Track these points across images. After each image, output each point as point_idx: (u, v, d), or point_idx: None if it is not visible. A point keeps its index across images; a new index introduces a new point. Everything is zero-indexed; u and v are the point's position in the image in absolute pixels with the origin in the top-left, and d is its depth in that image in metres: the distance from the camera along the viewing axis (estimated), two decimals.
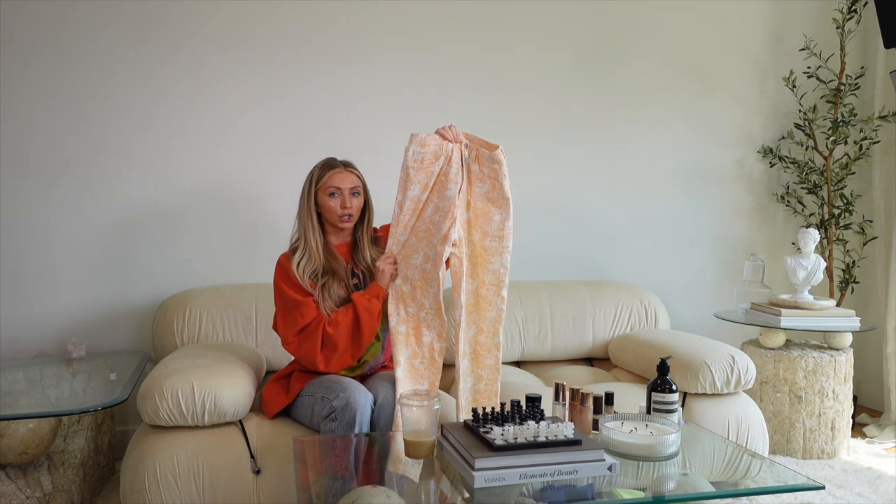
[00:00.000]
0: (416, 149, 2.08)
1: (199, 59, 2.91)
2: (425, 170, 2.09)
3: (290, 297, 2.12)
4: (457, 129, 2.14)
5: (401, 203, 2.11)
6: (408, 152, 2.08)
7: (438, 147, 2.10)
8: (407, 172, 2.09)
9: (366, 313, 2.08)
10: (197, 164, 2.93)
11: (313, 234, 2.18)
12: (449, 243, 2.08)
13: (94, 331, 2.86)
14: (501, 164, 2.11)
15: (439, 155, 2.10)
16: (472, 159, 2.14)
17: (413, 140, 2.08)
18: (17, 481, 2.20)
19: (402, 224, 2.12)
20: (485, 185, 2.14)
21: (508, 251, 2.15)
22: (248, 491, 2.05)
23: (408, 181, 2.09)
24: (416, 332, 2.13)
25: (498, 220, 2.14)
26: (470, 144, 2.14)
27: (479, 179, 2.15)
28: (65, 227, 2.83)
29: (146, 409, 2.03)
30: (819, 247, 3.46)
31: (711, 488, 1.58)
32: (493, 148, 2.12)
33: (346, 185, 2.18)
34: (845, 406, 3.00)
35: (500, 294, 2.14)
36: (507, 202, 2.13)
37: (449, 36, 3.16)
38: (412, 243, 2.13)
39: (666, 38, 3.43)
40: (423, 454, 1.70)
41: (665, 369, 1.92)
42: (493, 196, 2.14)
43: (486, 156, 2.12)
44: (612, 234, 3.44)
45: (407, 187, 2.09)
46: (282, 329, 2.16)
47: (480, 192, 2.15)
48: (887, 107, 3.46)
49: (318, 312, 2.10)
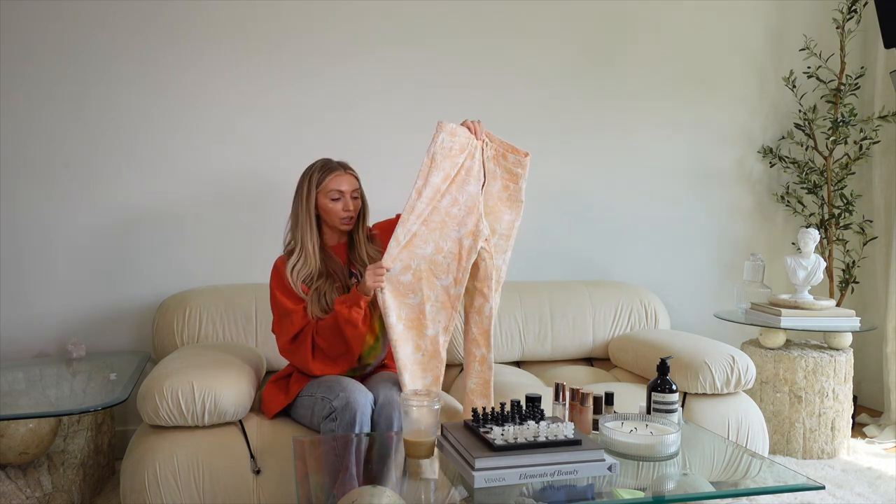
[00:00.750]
0: (447, 137, 2.04)
1: (200, 60, 2.91)
2: (452, 159, 2.06)
3: (282, 306, 2.14)
4: (483, 126, 2.14)
5: (420, 189, 2.03)
6: (436, 139, 2.03)
7: (467, 140, 2.09)
8: (433, 159, 2.02)
9: (348, 326, 2.05)
10: (197, 163, 2.93)
11: (310, 236, 2.18)
12: (481, 238, 2.10)
13: (94, 331, 2.86)
14: (526, 168, 2.17)
15: (465, 148, 2.09)
16: (491, 158, 2.15)
17: (443, 128, 2.03)
18: (17, 481, 2.20)
19: (417, 213, 2.04)
20: (498, 184, 2.17)
21: (510, 249, 2.21)
22: (248, 491, 2.05)
23: (433, 167, 2.02)
24: (418, 325, 2.09)
25: (508, 220, 2.18)
26: (490, 143, 2.15)
27: (492, 179, 2.16)
28: (65, 227, 2.83)
29: (146, 409, 2.03)
30: (819, 247, 3.46)
31: (711, 488, 1.58)
32: (524, 154, 2.17)
33: (348, 188, 2.19)
34: (845, 406, 3.00)
35: (498, 290, 2.18)
36: (521, 204, 2.19)
37: (449, 35, 3.16)
38: (423, 233, 2.07)
39: (666, 38, 3.43)
40: (423, 454, 1.70)
41: (665, 369, 1.92)
42: (508, 196, 2.18)
43: (513, 159, 2.17)
44: (612, 235, 3.44)
45: (431, 173, 2.03)
46: (277, 336, 2.18)
47: (493, 191, 2.17)
48: (887, 107, 3.46)
49: (308, 320, 2.11)
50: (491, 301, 2.14)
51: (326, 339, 2.08)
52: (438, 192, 2.06)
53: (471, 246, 2.09)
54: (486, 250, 2.12)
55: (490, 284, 2.13)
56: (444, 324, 2.11)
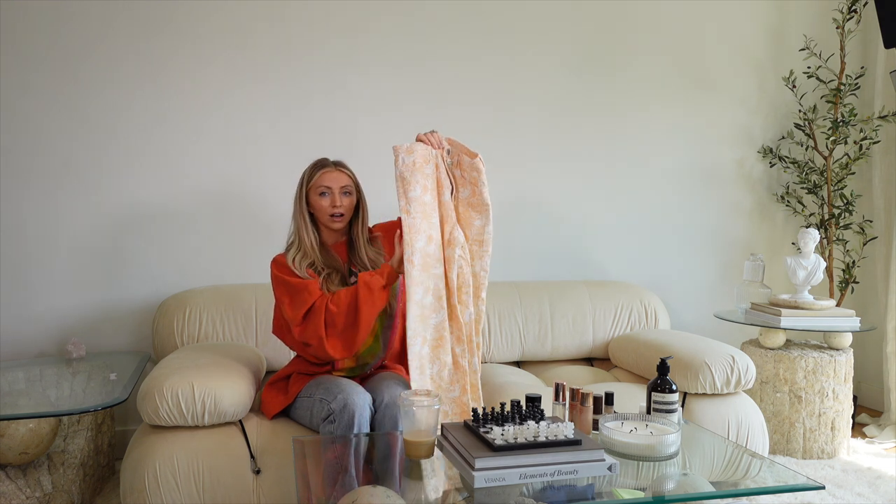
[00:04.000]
0: (405, 156, 2.05)
1: (200, 61, 2.91)
2: (420, 171, 2.07)
3: (293, 283, 2.10)
4: (439, 135, 2.15)
5: (406, 208, 2.04)
6: (397, 163, 2.05)
7: (426, 151, 2.10)
8: (402, 178, 2.04)
9: (365, 288, 2.03)
10: (197, 164, 2.93)
11: (307, 233, 2.19)
12: (457, 246, 2.09)
13: (94, 331, 2.86)
14: (481, 171, 2.14)
15: (428, 159, 2.09)
16: (454, 164, 2.16)
17: (399, 151, 2.05)
18: (17, 481, 2.20)
19: (424, 233, 2.04)
20: (465, 191, 2.17)
21: (488, 255, 2.17)
22: (248, 491, 2.05)
23: (406, 185, 2.04)
24: (441, 343, 2.09)
25: (478, 225, 2.17)
26: (452, 150, 2.16)
27: (461, 185, 2.17)
28: (65, 228, 2.83)
29: (146, 409, 2.03)
30: (819, 247, 3.46)
31: (711, 488, 1.58)
32: (474, 156, 2.14)
33: (336, 184, 2.19)
34: (845, 406, 3.00)
35: (480, 296, 2.16)
36: (487, 207, 2.16)
37: (448, 36, 3.16)
38: (431, 252, 2.07)
39: (666, 38, 3.43)
40: (423, 454, 1.70)
41: (665, 369, 1.92)
42: (474, 201, 2.16)
43: (468, 162, 2.15)
44: (612, 235, 3.44)
45: (407, 190, 2.04)
46: (290, 313, 2.10)
47: (462, 197, 2.17)
48: (887, 107, 3.46)
49: (322, 293, 2.10)
50: (470, 307, 2.13)
51: (340, 307, 2.05)
52: (425, 205, 2.07)
53: (450, 254, 2.09)
54: (462, 258, 2.11)
55: (467, 291, 2.12)
56: (456, 334, 2.11)
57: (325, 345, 2.06)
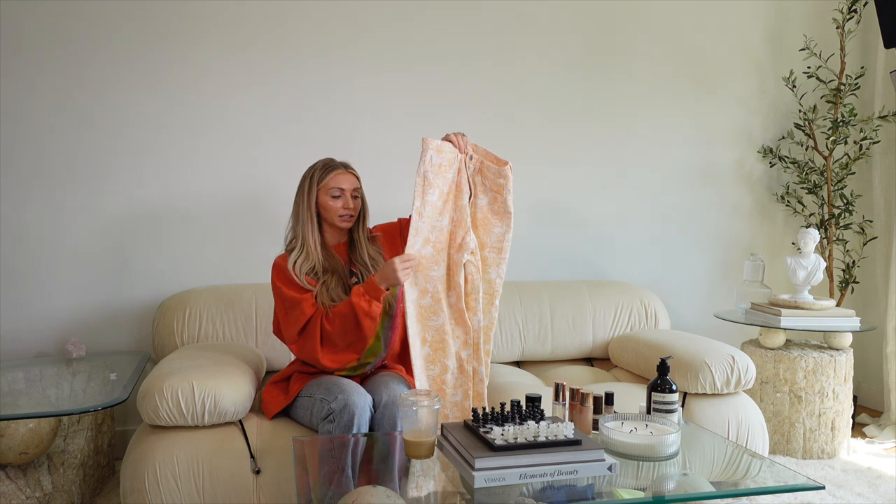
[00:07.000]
0: (434, 154, 2.02)
1: (200, 61, 2.91)
2: (443, 175, 2.05)
3: (289, 297, 2.12)
4: (467, 139, 2.13)
5: (420, 210, 2.01)
6: (424, 158, 2.00)
7: (454, 155, 2.08)
8: (426, 177, 2.01)
9: (366, 318, 2.03)
10: (197, 164, 2.93)
11: (311, 233, 2.19)
12: (466, 251, 2.07)
13: (94, 331, 2.86)
14: (508, 179, 2.11)
15: (453, 163, 2.08)
16: (476, 171, 2.13)
17: (429, 145, 2.01)
18: (17, 481, 2.20)
19: (423, 236, 2.04)
20: (486, 197, 2.14)
21: (505, 262, 2.16)
22: (248, 491, 2.05)
23: (426, 186, 2.01)
24: (443, 346, 2.08)
25: (498, 233, 2.15)
26: (475, 156, 2.13)
27: (482, 192, 2.14)
28: (65, 228, 2.83)
29: (146, 409, 2.03)
30: (819, 247, 3.46)
31: (711, 488, 1.58)
32: (503, 164, 2.12)
33: (349, 186, 2.19)
34: (845, 406, 3.00)
35: (494, 303, 2.15)
36: (509, 215, 2.14)
37: (449, 37, 3.16)
38: (432, 254, 2.07)
39: (666, 38, 3.43)
40: (423, 454, 1.70)
41: (665, 369, 1.92)
42: (496, 208, 2.14)
43: (494, 170, 2.12)
44: (612, 235, 3.44)
45: (426, 192, 2.01)
46: (285, 329, 2.16)
47: (482, 204, 2.15)
48: (887, 107, 3.46)
49: (317, 308, 2.10)
50: (479, 314, 2.12)
51: (337, 326, 2.06)
52: (437, 209, 2.06)
53: (458, 259, 2.08)
54: (472, 263, 2.09)
55: (477, 297, 2.11)
56: (462, 339, 2.11)
57: (319, 359, 2.09)
